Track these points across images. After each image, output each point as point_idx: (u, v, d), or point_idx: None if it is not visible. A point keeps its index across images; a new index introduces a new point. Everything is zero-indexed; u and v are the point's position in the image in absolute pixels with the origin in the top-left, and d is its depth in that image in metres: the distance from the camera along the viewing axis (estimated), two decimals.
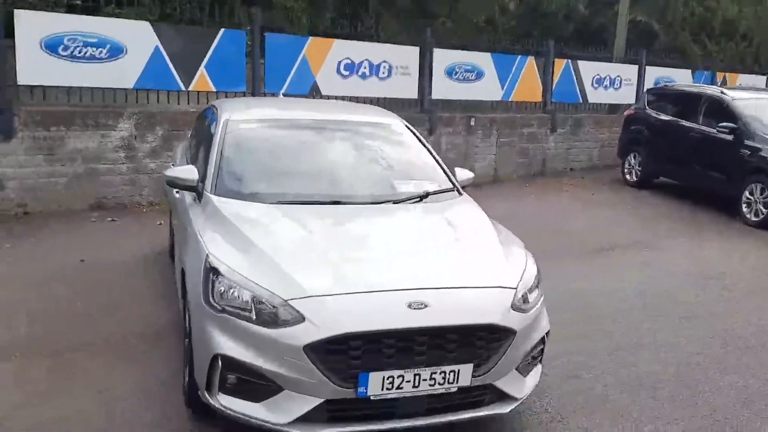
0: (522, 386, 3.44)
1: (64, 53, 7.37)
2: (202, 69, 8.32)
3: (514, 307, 3.33)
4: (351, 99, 9.24)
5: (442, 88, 10.52)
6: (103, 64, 7.64)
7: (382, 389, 3.03)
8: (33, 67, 7.20)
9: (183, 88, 8.26)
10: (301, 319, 3.00)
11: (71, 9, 9.03)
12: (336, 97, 9.02)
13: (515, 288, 3.41)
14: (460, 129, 10.70)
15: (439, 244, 3.71)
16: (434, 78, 10.40)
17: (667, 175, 10.88)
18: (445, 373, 3.11)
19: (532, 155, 11.81)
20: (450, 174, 4.61)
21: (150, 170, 8.05)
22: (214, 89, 8.44)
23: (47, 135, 7.39)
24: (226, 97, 8.20)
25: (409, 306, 3.09)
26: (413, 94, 10.29)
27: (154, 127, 8.02)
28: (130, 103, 8.13)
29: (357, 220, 3.93)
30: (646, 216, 9.27)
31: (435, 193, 4.32)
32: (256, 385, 3.05)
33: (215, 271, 3.24)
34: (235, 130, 4.43)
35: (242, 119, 4.59)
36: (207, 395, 3.17)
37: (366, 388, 3.01)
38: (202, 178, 4.12)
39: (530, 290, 3.52)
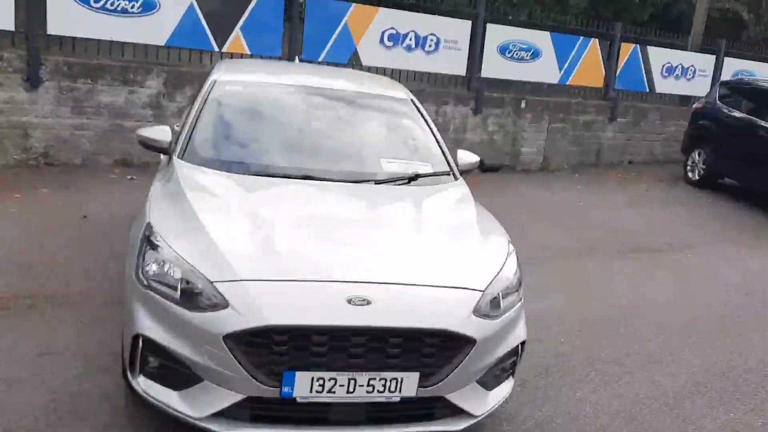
0: (483, 402, 3.04)
1: (96, 4, 7.23)
2: (237, 30, 8.06)
3: (478, 312, 2.92)
4: (393, 72, 8.85)
5: (494, 66, 9.93)
6: (136, 18, 7.47)
7: (311, 391, 2.68)
8: (64, 16, 7.10)
9: (216, 49, 8.02)
10: (225, 304, 2.67)
11: None
12: (377, 69, 8.63)
13: (482, 291, 2.99)
14: (509, 111, 10.11)
15: (406, 233, 3.31)
16: (485, 55, 9.83)
17: (733, 176, 10.02)
18: (386, 380, 2.73)
19: (586, 144, 11.10)
20: (449, 157, 4.18)
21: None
22: (248, 52, 8.18)
23: (74, 87, 7.30)
24: None
25: (349, 301, 2.72)
26: (461, 70, 9.75)
27: (184, 86, 7.82)
28: (161, 60, 7.97)
29: (324, 199, 3.55)
30: (699, 217, 8.55)
31: (426, 176, 3.91)
32: (175, 371, 2.76)
33: (151, 243, 2.96)
34: (220, 93, 4.12)
35: (231, 80, 4.28)
36: (129, 375, 2.91)
37: (291, 389, 2.66)
38: (176, 140, 3.85)
39: (505, 294, 3.10)
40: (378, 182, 3.75)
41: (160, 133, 3.86)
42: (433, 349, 2.79)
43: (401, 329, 2.74)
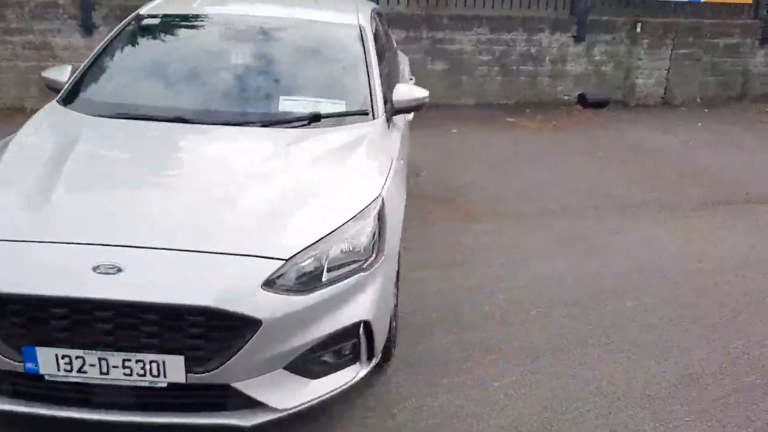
0: (298, 393, 2.48)
1: None
2: None
3: (274, 285, 2.35)
4: None
5: None
6: None
7: (59, 369, 2.32)
8: None
9: None
10: None
11: None
12: None
13: (284, 259, 2.39)
14: (621, 37, 8.70)
15: (228, 188, 2.70)
16: None
17: None
18: (144, 363, 2.29)
19: (727, 73, 9.30)
20: (376, 94, 3.49)
21: None
22: None
23: None
24: None
25: (96, 269, 2.28)
26: None
27: None
28: None
29: (175, 144, 3.07)
30: None
31: (330, 116, 3.29)
32: None
33: None
34: (135, 27, 3.79)
35: (155, 14, 3.91)
36: None
37: (36, 365, 2.32)
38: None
39: (341, 261, 2.50)
40: (267, 125, 3.21)
41: (59, 72, 3.61)
42: (200, 330, 2.29)
43: (156, 305, 2.26)
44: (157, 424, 2.40)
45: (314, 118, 3.25)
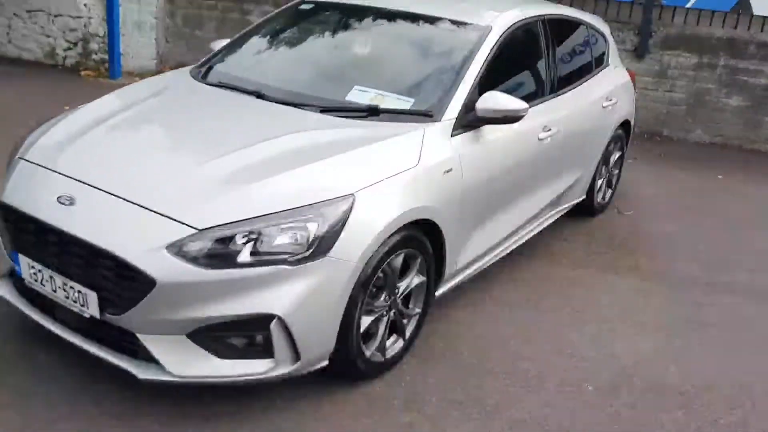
0: (197, 365, 2.47)
1: None
2: None
3: (179, 251, 2.38)
4: None
5: None
6: None
7: (30, 277, 2.70)
8: None
9: None
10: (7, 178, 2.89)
11: None
12: None
13: (197, 229, 2.40)
14: None
15: (225, 158, 2.72)
16: None
17: None
18: (74, 290, 2.54)
19: None
20: (454, 97, 3.19)
21: None
22: None
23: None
24: None
25: (58, 198, 2.58)
26: None
27: None
28: None
29: (220, 113, 3.22)
30: None
31: (387, 111, 3.12)
32: None
33: None
34: (286, 12, 4.11)
35: (307, 0, 4.13)
36: None
37: (19, 268, 2.74)
38: None
39: (270, 251, 2.44)
40: (324, 111, 3.19)
41: (217, 44, 4.05)
42: (110, 273, 2.45)
43: (80, 240, 2.48)
44: (79, 349, 2.63)
45: (372, 111, 3.12)
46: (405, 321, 3.05)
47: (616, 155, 5.12)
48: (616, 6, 7.39)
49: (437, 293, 3.25)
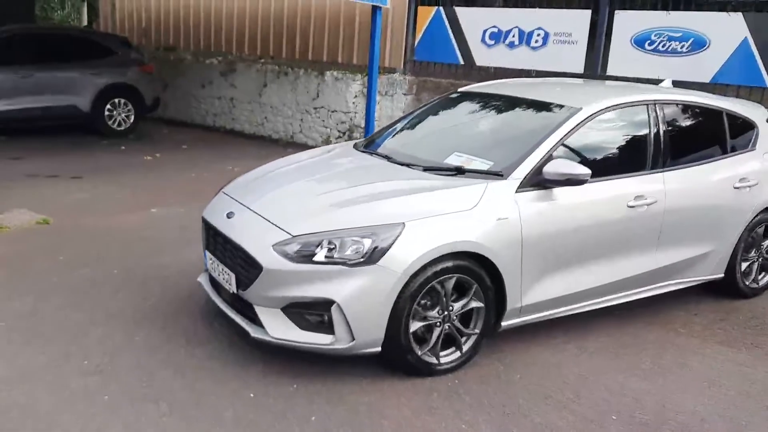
0: (286, 331, 3.53)
1: (649, 47, 7.93)
2: None
3: (280, 249, 3.51)
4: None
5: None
6: (683, 58, 7.75)
7: (210, 266, 4.07)
8: (621, 59, 8.17)
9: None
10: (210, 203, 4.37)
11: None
12: None
13: (292, 235, 3.54)
14: None
15: (329, 192, 3.90)
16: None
17: None
18: (226, 273, 3.81)
19: None
20: (525, 161, 3.89)
21: None
22: None
23: None
24: None
25: (227, 214, 3.93)
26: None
27: None
28: None
29: (355, 166, 4.39)
30: None
31: (470, 171, 3.95)
32: None
33: None
34: (442, 99, 5.18)
35: (462, 91, 5.16)
36: None
37: (206, 261, 4.15)
38: None
39: (340, 255, 3.43)
40: (426, 170, 4.11)
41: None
42: (242, 261, 3.67)
43: (230, 239, 3.77)
44: (226, 315, 3.89)
45: (458, 170, 3.97)
46: (464, 339, 3.77)
47: None
48: None
49: (503, 324, 3.89)
